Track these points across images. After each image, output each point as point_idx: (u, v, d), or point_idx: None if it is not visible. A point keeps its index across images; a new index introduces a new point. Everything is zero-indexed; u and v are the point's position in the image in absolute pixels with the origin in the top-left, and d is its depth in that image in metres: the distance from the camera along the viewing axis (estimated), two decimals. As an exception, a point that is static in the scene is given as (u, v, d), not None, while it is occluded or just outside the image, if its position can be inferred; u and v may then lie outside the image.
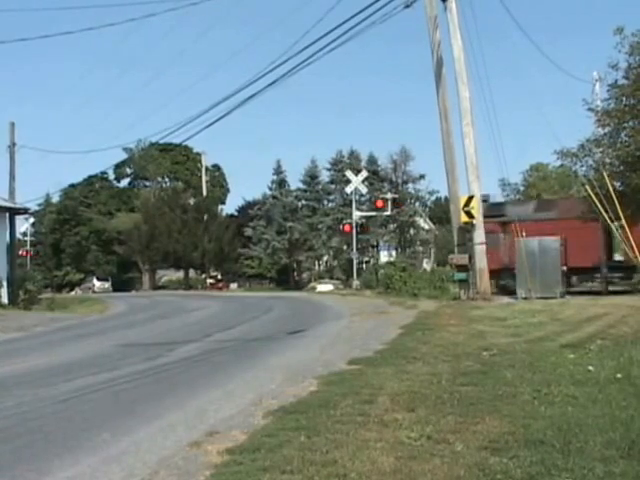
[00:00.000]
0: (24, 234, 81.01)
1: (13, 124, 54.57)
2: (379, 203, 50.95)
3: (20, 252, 68.72)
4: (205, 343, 20.22)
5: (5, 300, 38.28)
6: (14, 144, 53.62)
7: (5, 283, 38.80)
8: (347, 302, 37.29)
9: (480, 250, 33.29)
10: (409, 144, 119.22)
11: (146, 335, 24.02)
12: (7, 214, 41.37)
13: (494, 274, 48.78)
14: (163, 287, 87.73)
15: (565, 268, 35.99)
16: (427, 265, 65.17)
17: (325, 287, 52.57)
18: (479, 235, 33.47)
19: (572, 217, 40.46)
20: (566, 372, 12.21)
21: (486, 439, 8.06)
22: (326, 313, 30.74)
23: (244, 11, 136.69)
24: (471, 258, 33.88)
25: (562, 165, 39.37)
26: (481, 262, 33.22)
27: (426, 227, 75.40)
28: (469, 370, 12.91)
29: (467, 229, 34.27)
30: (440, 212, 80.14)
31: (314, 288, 53.93)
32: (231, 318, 29.69)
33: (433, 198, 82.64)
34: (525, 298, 32.53)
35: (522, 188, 79.07)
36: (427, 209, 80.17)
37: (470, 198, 33.10)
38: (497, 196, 76.49)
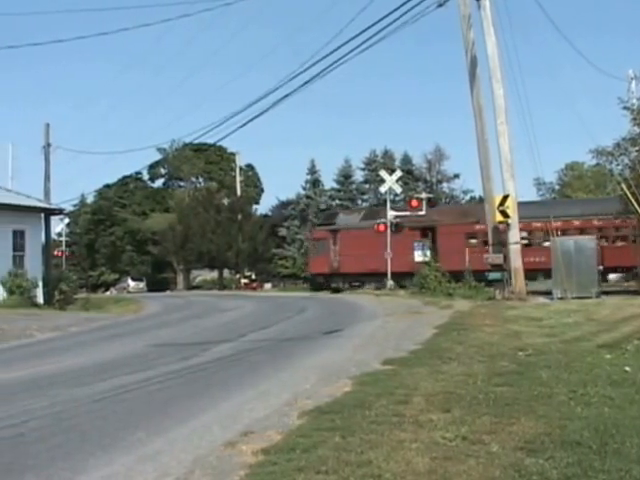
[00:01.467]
0: (59, 234, 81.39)
1: (48, 125, 55.03)
2: (413, 203, 50.67)
3: (55, 252, 69.12)
4: (239, 343, 20.24)
5: (40, 300, 38.52)
6: (49, 145, 54.04)
7: (41, 283, 39.04)
8: (381, 302, 37.21)
9: (515, 250, 33.19)
10: (443, 143, 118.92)
11: (180, 335, 24.09)
12: (42, 215, 41.64)
13: (325, 277, 55.42)
14: (197, 287, 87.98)
15: (602, 268, 36.00)
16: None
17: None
18: (514, 234, 33.35)
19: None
20: (602, 373, 12.14)
21: (522, 440, 8.01)
22: (360, 313, 30.69)
23: (277, 11, 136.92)
24: (506, 258, 33.77)
25: (598, 164, 39.33)
26: (516, 262, 33.10)
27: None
28: (504, 370, 12.85)
29: (502, 228, 34.16)
30: (474, 211, 79.78)
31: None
32: (265, 318, 29.71)
33: (467, 197, 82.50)
34: (561, 298, 32.37)
35: (557, 187, 78.74)
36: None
37: (505, 197, 32.99)
38: (532, 195, 76.41)
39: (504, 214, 32.97)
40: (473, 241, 48.38)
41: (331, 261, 53.93)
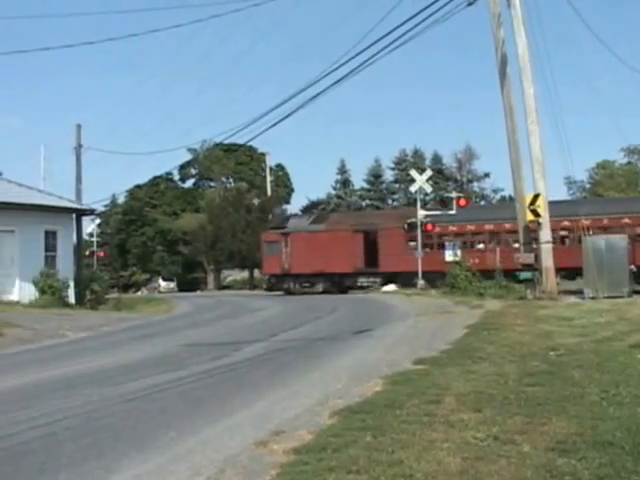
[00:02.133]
0: (91, 235, 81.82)
1: (79, 126, 55.20)
2: (444, 202, 50.61)
3: (87, 253, 69.52)
4: (270, 343, 20.28)
5: (72, 300, 38.73)
6: (80, 146, 54.25)
7: (72, 283, 39.26)
8: (412, 302, 37.15)
9: (546, 249, 33.06)
10: (474, 142, 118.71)
11: (211, 335, 24.17)
12: (74, 215, 41.88)
13: (277, 277, 58.32)
14: (228, 287, 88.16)
15: (634, 267, 35.87)
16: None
17: (390, 287, 52.30)
18: (545, 234, 33.23)
19: (340, 229, 53.11)
20: (635, 372, 12.08)
21: (553, 440, 7.99)
22: (391, 313, 30.66)
23: (306, 11, 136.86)
24: (537, 257, 33.65)
25: (629, 162, 39.18)
26: (547, 261, 32.97)
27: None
28: (536, 370, 12.81)
29: (533, 228, 34.05)
30: (505, 211, 79.48)
31: (378, 288, 53.74)
32: (296, 318, 29.74)
33: (498, 196, 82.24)
34: (592, 298, 32.20)
35: (588, 186, 78.33)
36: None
37: (536, 196, 32.88)
38: (563, 194, 76.07)
39: (535, 213, 32.87)
40: (413, 244, 50.35)
41: (283, 263, 56.51)
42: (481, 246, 48.99)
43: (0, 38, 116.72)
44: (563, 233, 46.07)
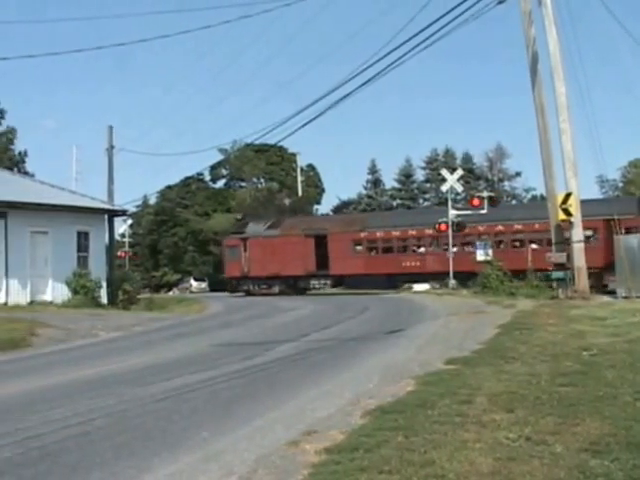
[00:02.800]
0: (122, 235, 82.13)
1: (111, 127, 55.54)
2: (475, 201, 50.54)
3: (119, 253, 69.91)
4: (302, 343, 20.30)
5: (104, 300, 38.95)
6: (112, 147, 54.56)
7: (104, 284, 39.49)
8: (443, 301, 37.07)
9: (578, 248, 32.88)
10: (505, 141, 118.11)
11: (243, 335, 24.23)
12: (106, 216, 42.12)
13: (238, 280, 61.80)
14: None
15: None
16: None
17: (421, 287, 52.22)
18: (577, 233, 33.06)
19: (293, 234, 56.46)
20: (669, 373, 11.99)
21: (586, 441, 7.94)
22: (422, 313, 30.62)
23: (335, 11, 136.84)
24: (569, 256, 33.48)
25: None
26: (579, 260, 32.80)
27: (523, 225, 74.49)
28: (568, 370, 12.74)
29: (565, 227, 33.88)
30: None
31: (410, 287, 53.76)
32: (327, 318, 29.76)
33: (529, 196, 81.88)
34: (625, 297, 32.01)
35: (621, 184, 77.86)
36: (524, 207, 79.39)
37: (568, 195, 32.72)
38: (595, 193, 75.61)
39: (567, 212, 32.71)
40: (359, 247, 54.08)
41: (242, 266, 60.08)
42: (455, 249, 50.70)
43: (33, 41, 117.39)
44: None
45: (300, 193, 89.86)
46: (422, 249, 52.52)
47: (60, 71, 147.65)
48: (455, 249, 50.02)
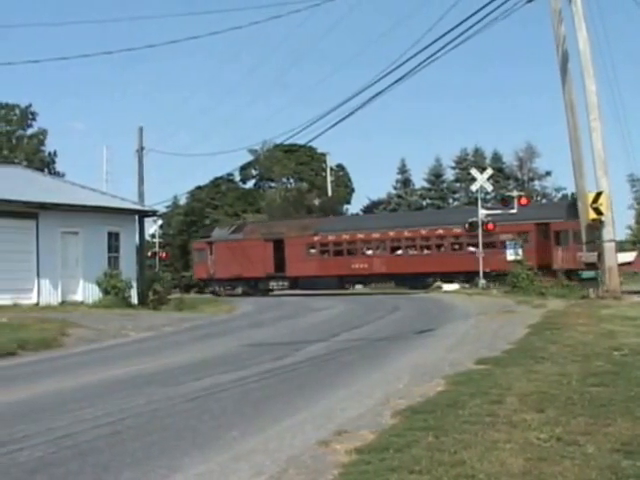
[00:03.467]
0: (153, 236, 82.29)
1: (141, 128, 55.73)
2: (505, 201, 50.57)
3: (149, 253, 70.24)
4: (332, 343, 20.31)
5: (135, 300, 39.09)
6: (142, 148, 54.77)
7: (135, 284, 39.63)
8: (473, 301, 36.98)
9: (609, 248, 32.70)
10: (535, 140, 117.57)
11: (273, 335, 24.26)
12: (136, 216, 42.26)
13: (205, 282, 65.88)
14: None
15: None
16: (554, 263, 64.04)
17: (451, 286, 52.17)
18: (608, 232, 32.87)
19: (253, 238, 59.77)
20: (701, 372, 11.91)
21: (618, 441, 7.89)
22: (452, 312, 30.56)
23: (365, 10, 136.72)
24: (600, 256, 33.29)
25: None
26: (610, 260, 32.62)
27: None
28: (599, 370, 12.67)
29: (596, 226, 33.70)
30: (567, 209, 78.75)
31: (440, 287, 53.77)
32: (357, 318, 29.76)
33: (560, 195, 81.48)
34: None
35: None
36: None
37: (598, 194, 32.54)
38: (626, 192, 75.10)
39: (597, 211, 32.53)
40: (312, 251, 57.54)
41: (209, 268, 64.02)
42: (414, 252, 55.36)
43: (61, 44, 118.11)
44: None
45: (330, 193, 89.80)
46: (369, 252, 55.55)
47: (90, 73, 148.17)
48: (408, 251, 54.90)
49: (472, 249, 50.72)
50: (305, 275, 56.25)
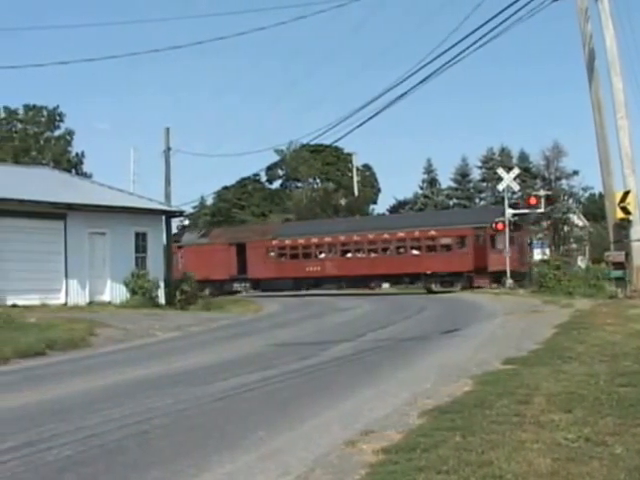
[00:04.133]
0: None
1: (168, 129, 55.95)
2: (532, 200, 50.49)
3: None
4: (358, 342, 20.30)
5: (162, 300, 39.17)
6: (169, 149, 54.96)
7: (162, 284, 39.73)
8: (500, 301, 36.87)
9: (637, 247, 32.46)
10: (562, 139, 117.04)
11: (299, 334, 24.27)
12: (163, 217, 42.36)
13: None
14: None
15: None
16: (582, 263, 63.77)
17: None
18: (636, 232, 32.64)
19: (219, 242, 62.84)
20: None
21: (646, 442, 7.86)
22: (479, 312, 30.48)
23: (390, 10, 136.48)
24: (628, 255, 33.09)
25: None
26: (638, 259, 32.40)
27: (580, 224, 73.77)
28: (628, 370, 12.60)
29: (623, 226, 33.49)
30: (595, 209, 78.43)
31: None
32: (383, 317, 29.73)
33: (587, 194, 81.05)
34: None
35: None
36: (581, 206, 78.52)
37: (626, 193, 32.33)
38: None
39: (625, 211, 32.33)
40: (271, 254, 60.25)
41: (180, 271, 64.72)
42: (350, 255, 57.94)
43: (90, 45, 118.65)
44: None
45: (356, 193, 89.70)
46: (322, 255, 58.12)
47: (116, 74, 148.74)
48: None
49: (415, 252, 54.08)
50: (265, 277, 58.86)
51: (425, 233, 53.12)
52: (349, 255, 57.32)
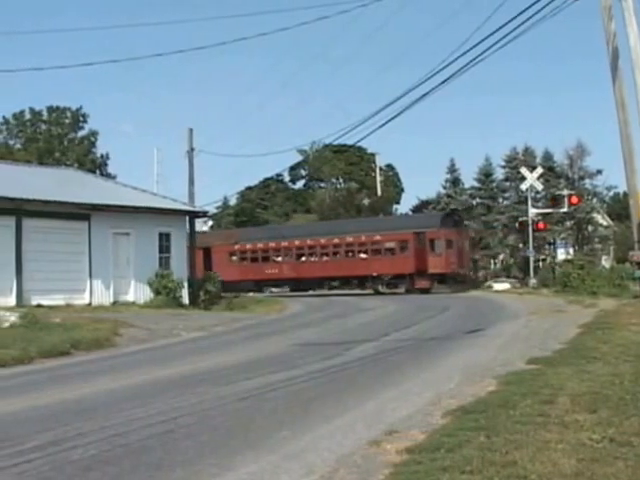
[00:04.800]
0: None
1: (191, 130, 56.14)
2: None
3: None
4: (382, 342, 20.29)
5: (186, 300, 39.26)
6: (192, 149, 55.12)
7: (186, 284, 39.83)
8: (524, 301, 36.80)
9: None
10: (586, 138, 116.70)
11: (323, 334, 24.28)
12: (187, 217, 42.48)
13: None
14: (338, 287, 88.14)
15: None
16: (606, 262, 63.55)
17: (501, 286, 52.12)
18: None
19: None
20: None
21: (672, 442, 7.82)
22: (503, 312, 30.42)
23: (413, 10, 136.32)
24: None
25: None
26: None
27: (604, 223, 73.44)
28: (652, 370, 12.55)
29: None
30: (619, 208, 78.07)
31: (490, 287, 53.75)
32: (407, 317, 29.70)
33: (611, 194, 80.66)
34: None
35: None
36: (605, 205, 78.15)
37: (650, 192, 32.14)
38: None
39: (650, 210, 32.13)
40: (234, 258, 63.34)
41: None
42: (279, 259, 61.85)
43: (112, 47, 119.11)
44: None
45: (379, 193, 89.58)
46: (279, 258, 61.75)
47: (140, 75, 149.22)
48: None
49: (363, 256, 57.26)
50: (229, 280, 59.08)
51: (371, 238, 56.64)
52: (303, 259, 61.04)
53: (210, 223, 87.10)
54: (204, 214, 49.78)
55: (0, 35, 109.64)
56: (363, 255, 57.59)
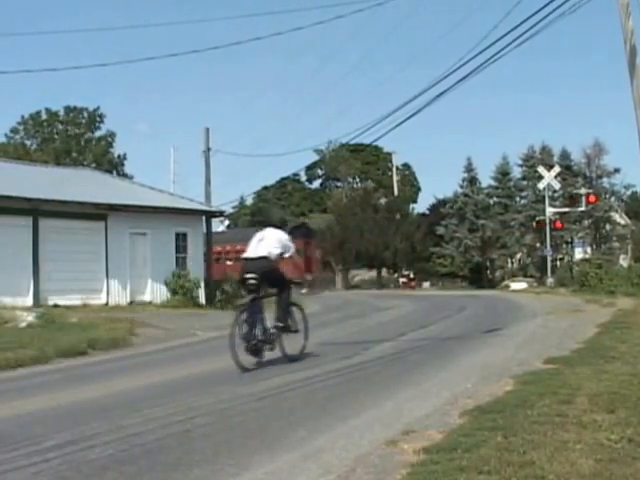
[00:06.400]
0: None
1: (208, 130, 56.28)
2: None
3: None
4: (399, 342, 20.25)
5: (203, 300, 39.40)
6: (209, 149, 55.23)
7: (203, 284, 39.94)
8: (541, 300, 36.70)
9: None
10: (603, 137, 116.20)
11: (341, 334, 24.24)
12: (203, 217, 42.62)
13: None
14: (356, 286, 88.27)
15: None
16: (624, 261, 63.33)
17: (519, 285, 52.10)
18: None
19: None
20: None
21: (692, 443, 7.77)
22: (520, 311, 30.33)
23: (429, 9, 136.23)
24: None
25: None
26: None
27: (622, 222, 73.23)
28: (671, 370, 12.48)
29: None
30: (637, 207, 77.93)
31: (507, 286, 53.78)
32: (424, 317, 29.66)
33: (629, 192, 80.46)
34: None
35: None
36: (623, 204, 77.91)
37: (669, 192, 32.07)
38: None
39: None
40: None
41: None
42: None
43: (126, 47, 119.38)
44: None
45: (396, 192, 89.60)
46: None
47: (155, 75, 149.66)
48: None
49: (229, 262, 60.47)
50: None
51: (234, 247, 58.91)
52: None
53: (227, 223, 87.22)
54: (221, 214, 49.93)
55: (16, 36, 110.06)
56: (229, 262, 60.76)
